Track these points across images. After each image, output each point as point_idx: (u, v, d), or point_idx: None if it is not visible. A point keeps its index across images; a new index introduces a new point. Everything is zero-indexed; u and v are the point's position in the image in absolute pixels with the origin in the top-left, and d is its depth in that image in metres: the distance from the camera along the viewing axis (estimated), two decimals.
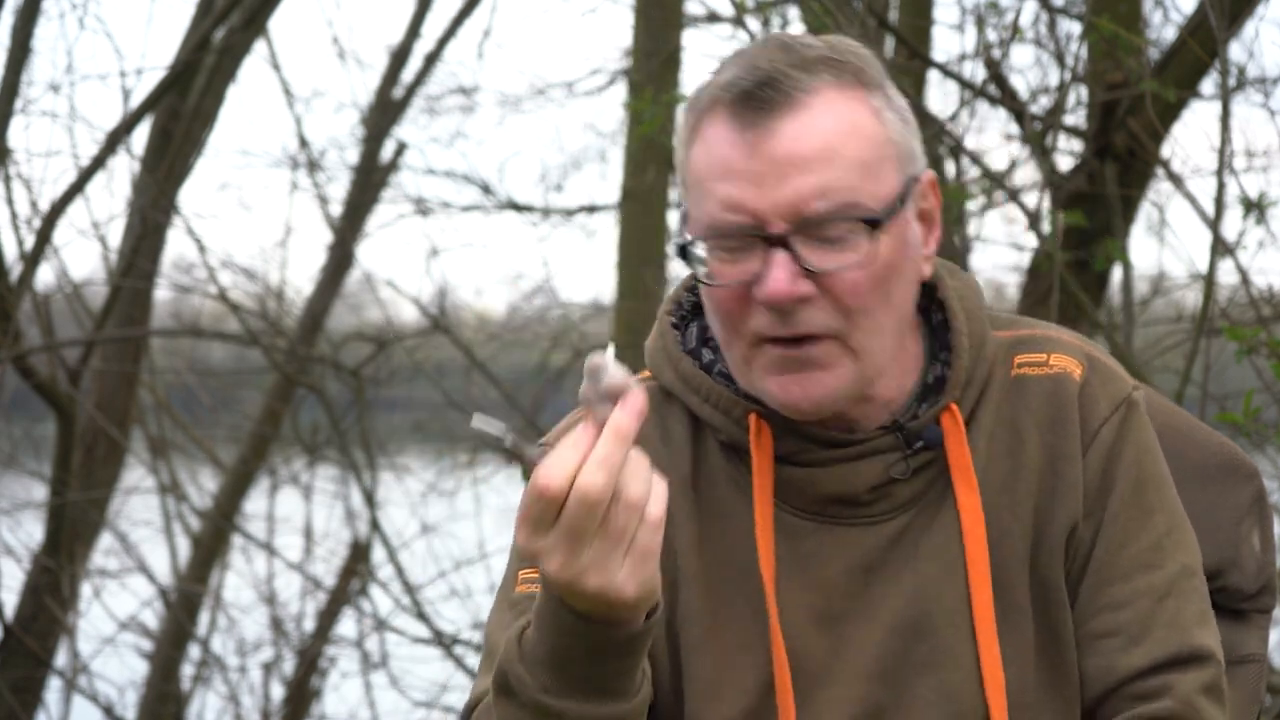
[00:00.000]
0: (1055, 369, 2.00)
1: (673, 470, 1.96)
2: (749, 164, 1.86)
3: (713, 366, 2.00)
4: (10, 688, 6.19)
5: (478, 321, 8.81)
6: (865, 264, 1.87)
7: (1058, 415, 1.97)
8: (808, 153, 1.86)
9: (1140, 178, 4.88)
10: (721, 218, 1.88)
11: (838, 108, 1.88)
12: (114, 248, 6.69)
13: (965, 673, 1.92)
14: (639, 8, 6.81)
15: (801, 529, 1.95)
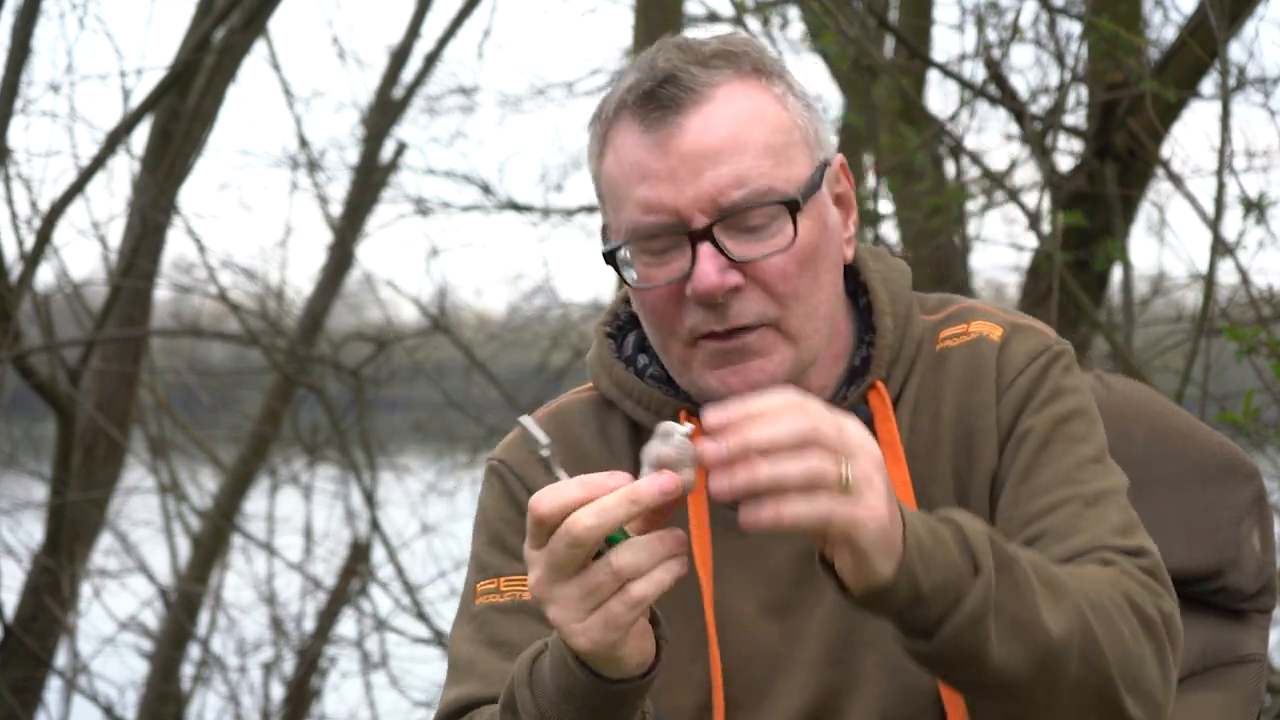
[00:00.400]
0: (973, 334, 2.03)
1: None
2: (662, 163, 1.89)
3: (645, 371, 2.04)
4: (10, 688, 6.19)
5: (478, 321, 8.81)
6: (789, 248, 1.90)
7: (975, 376, 2.00)
8: (717, 144, 1.88)
9: (1140, 178, 4.88)
10: (642, 220, 1.90)
11: (740, 98, 1.91)
12: (114, 248, 6.69)
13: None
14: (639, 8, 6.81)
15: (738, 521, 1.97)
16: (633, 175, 1.91)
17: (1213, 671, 2.27)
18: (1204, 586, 2.29)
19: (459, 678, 1.99)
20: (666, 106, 1.89)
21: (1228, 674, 2.29)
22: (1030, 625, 1.73)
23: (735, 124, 1.90)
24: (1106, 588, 1.82)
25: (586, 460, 2.02)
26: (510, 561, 2.01)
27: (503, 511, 2.04)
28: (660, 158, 1.89)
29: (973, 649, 1.71)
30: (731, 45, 1.94)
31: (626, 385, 2.03)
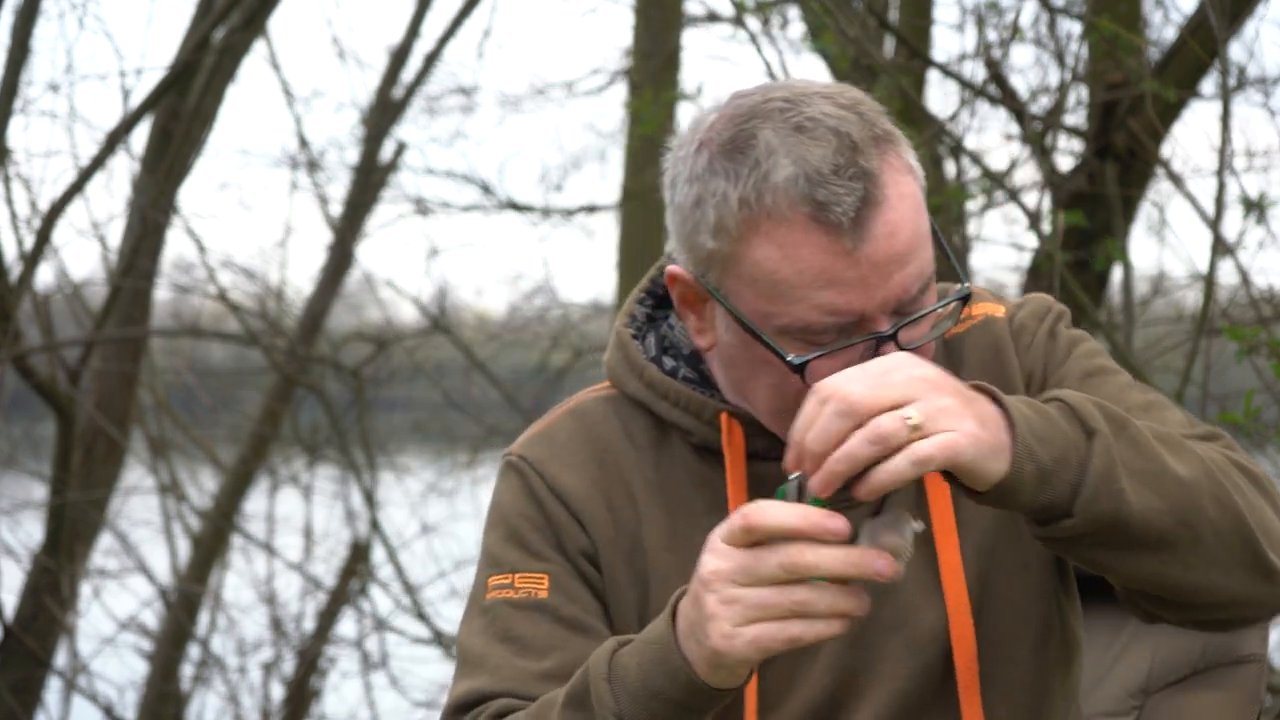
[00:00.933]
0: (978, 317, 2.05)
1: (639, 472, 2.02)
2: (853, 271, 1.84)
3: (676, 373, 2.03)
4: (10, 688, 6.19)
5: (478, 321, 8.81)
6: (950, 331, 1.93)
7: (994, 353, 2.03)
8: (902, 248, 1.85)
9: (1140, 178, 4.88)
10: (820, 320, 1.86)
11: (903, 190, 1.86)
12: (114, 248, 6.69)
13: (929, 627, 1.97)
14: (639, 8, 6.82)
15: None
16: (814, 279, 1.84)
17: (1213, 671, 2.27)
18: None
19: (469, 671, 1.99)
20: (853, 215, 1.82)
21: (1228, 674, 2.29)
22: (1159, 473, 1.76)
23: (910, 221, 1.86)
24: (1211, 451, 1.86)
25: (610, 455, 2.02)
26: (526, 558, 2.00)
27: (522, 508, 2.03)
28: (850, 266, 1.83)
29: (1114, 511, 1.73)
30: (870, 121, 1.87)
31: (661, 387, 2.02)
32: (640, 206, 7.19)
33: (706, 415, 1.99)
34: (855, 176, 1.83)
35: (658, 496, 2.01)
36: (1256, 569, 1.83)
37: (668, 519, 2.01)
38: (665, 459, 2.03)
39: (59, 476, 6.20)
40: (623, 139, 7.52)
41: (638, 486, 2.02)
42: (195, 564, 7.46)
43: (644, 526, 2.00)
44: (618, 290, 7.30)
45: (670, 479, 2.02)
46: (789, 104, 1.86)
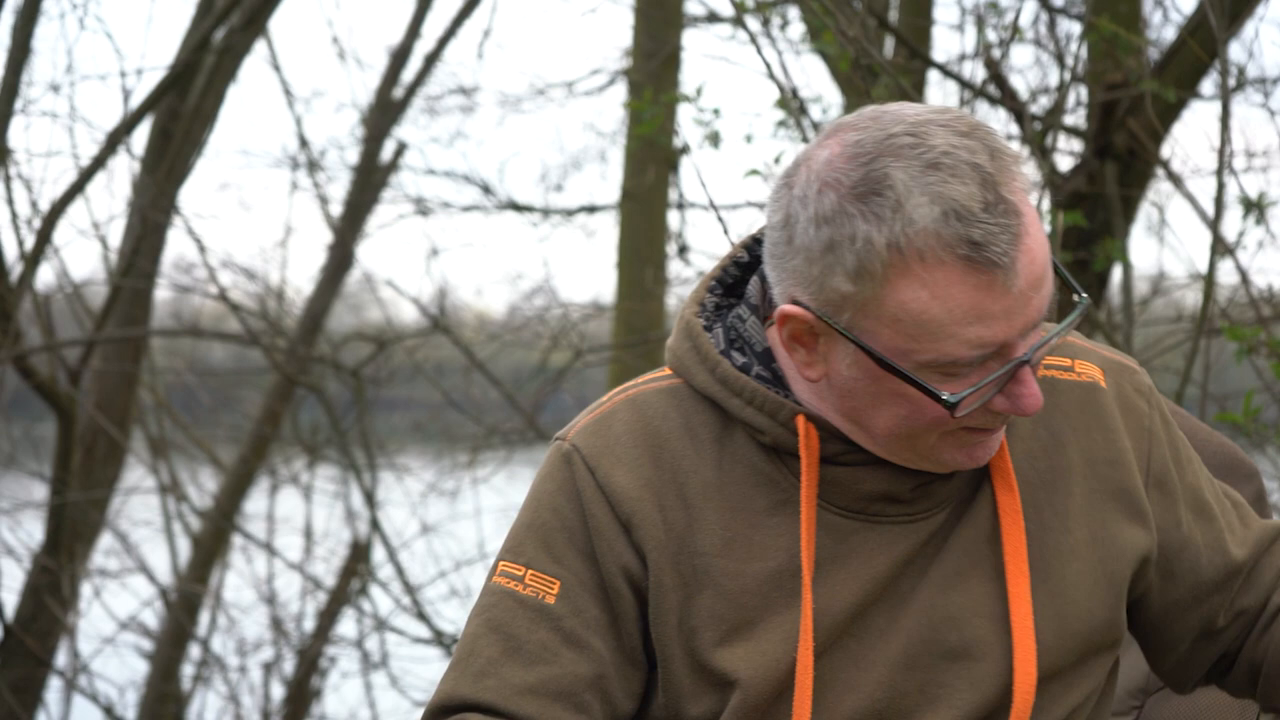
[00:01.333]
0: (1084, 377, 2.04)
1: (697, 471, 1.97)
2: (999, 304, 1.83)
3: (748, 369, 1.98)
4: (10, 687, 6.19)
5: (478, 321, 8.81)
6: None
7: (1099, 427, 2.02)
8: (1038, 274, 1.85)
9: (1140, 178, 4.88)
10: (967, 354, 1.85)
11: (1032, 214, 1.87)
12: (114, 248, 6.69)
13: (994, 662, 1.94)
14: (639, 8, 6.82)
15: (844, 527, 1.96)
16: (965, 316, 1.83)
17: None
18: None
19: (458, 664, 1.96)
20: (1010, 251, 1.82)
21: None
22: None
23: (1043, 248, 1.86)
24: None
25: (664, 454, 1.97)
26: (544, 558, 1.97)
27: (558, 504, 1.98)
28: (997, 299, 1.83)
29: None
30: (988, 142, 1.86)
31: (736, 384, 1.96)
32: (640, 207, 7.19)
33: (782, 416, 1.94)
34: (1005, 213, 1.81)
35: (715, 497, 1.96)
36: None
37: (724, 521, 1.96)
38: (728, 457, 1.98)
39: (59, 476, 6.21)
40: (623, 139, 7.52)
41: (693, 487, 1.96)
42: (195, 564, 7.46)
43: (696, 529, 1.95)
44: (618, 290, 7.30)
45: (731, 478, 1.97)
46: (914, 138, 1.82)
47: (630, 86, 7.24)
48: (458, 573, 7.33)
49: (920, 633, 1.95)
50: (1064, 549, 1.98)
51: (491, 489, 7.77)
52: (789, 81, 4.60)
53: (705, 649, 1.94)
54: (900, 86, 4.41)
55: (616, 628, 1.96)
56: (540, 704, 1.92)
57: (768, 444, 1.97)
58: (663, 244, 7.21)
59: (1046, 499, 1.99)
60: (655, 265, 7.16)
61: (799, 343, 1.90)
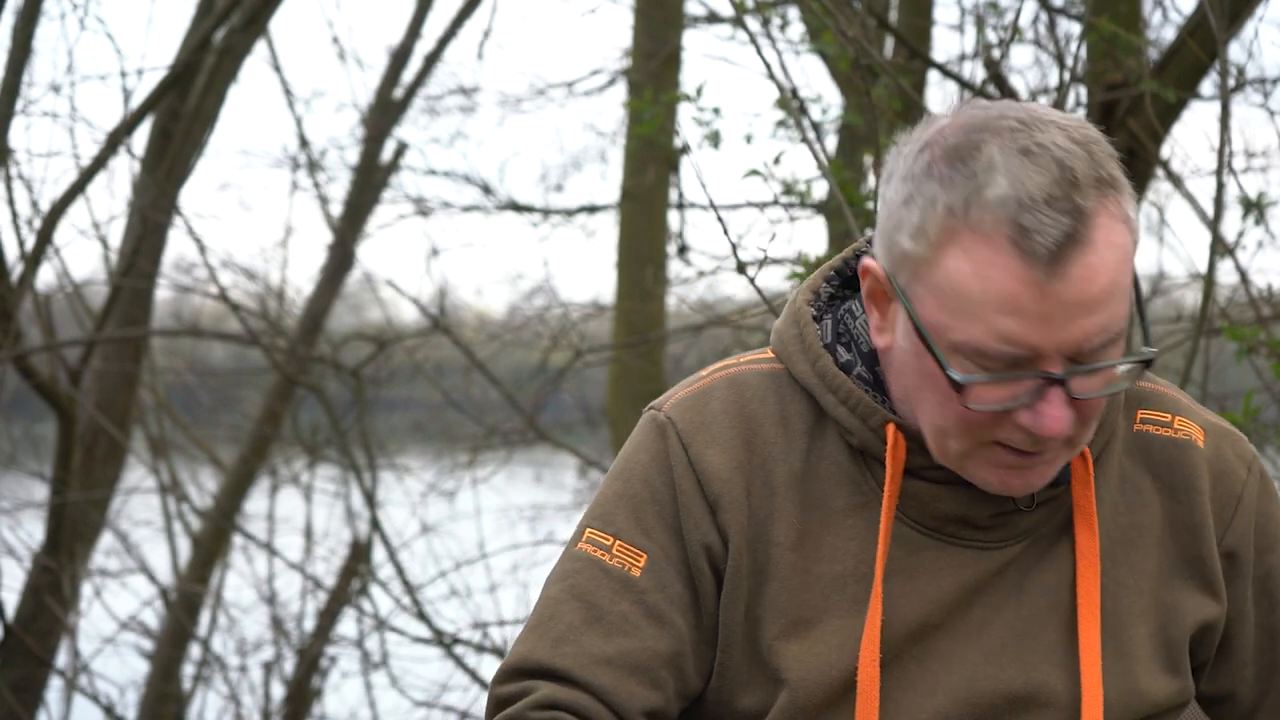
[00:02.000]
0: (1181, 434, 2.01)
1: (785, 460, 1.95)
2: (1038, 306, 1.79)
3: (850, 368, 1.96)
4: (11, 687, 6.19)
5: (478, 321, 8.81)
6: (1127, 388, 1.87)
7: (1184, 486, 1.99)
8: (1097, 295, 1.81)
9: (1140, 178, 4.88)
10: (994, 347, 1.81)
11: (1114, 239, 1.81)
12: (114, 248, 6.69)
13: (1059, 711, 1.92)
14: (639, 8, 6.82)
15: (916, 541, 1.94)
16: (999, 303, 1.79)
17: None
18: None
19: (537, 626, 1.94)
20: (1053, 249, 1.78)
21: None
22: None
23: (1112, 271, 1.81)
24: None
25: (758, 439, 1.95)
26: (634, 529, 1.94)
27: (650, 476, 1.95)
28: (1038, 300, 1.79)
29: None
30: (1097, 163, 1.82)
31: (833, 381, 1.94)
32: (640, 207, 7.19)
33: (874, 422, 1.92)
34: (1066, 211, 1.77)
35: (797, 490, 1.95)
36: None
37: (801, 514, 1.94)
38: (816, 450, 1.96)
39: (60, 476, 6.21)
40: (622, 139, 7.52)
41: (779, 477, 1.94)
42: (196, 564, 7.46)
43: (775, 519, 1.94)
44: (618, 290, 7.30)
45: (816, 471, 1.95)
46: (1022, 125, 1.81)
47: (630, 86, 7.24)
48: (458, 573, 7.32)
49: (986, 669, 1.92)
50: (1136, 610, 1.96)
51: (491, 489, 7.77)
52: (789, 81, 4.60)
53: (765, 641, 1.93)
54: (900, 86, 4.41)
55: (698, 606, 1.94)
56: (616, 676, 1.90)
57: (855, 446, 1.94)
58: (663, 244, 7.21)
59: (1125, 556, 1.96)
60: (655, 265, 7.17)
61: (874, 302, 1.89)
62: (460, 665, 6.72)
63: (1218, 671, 2.03)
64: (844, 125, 5.21)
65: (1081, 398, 1.82)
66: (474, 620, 6.99)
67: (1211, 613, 1.99)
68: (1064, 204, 1.78)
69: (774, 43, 4.83)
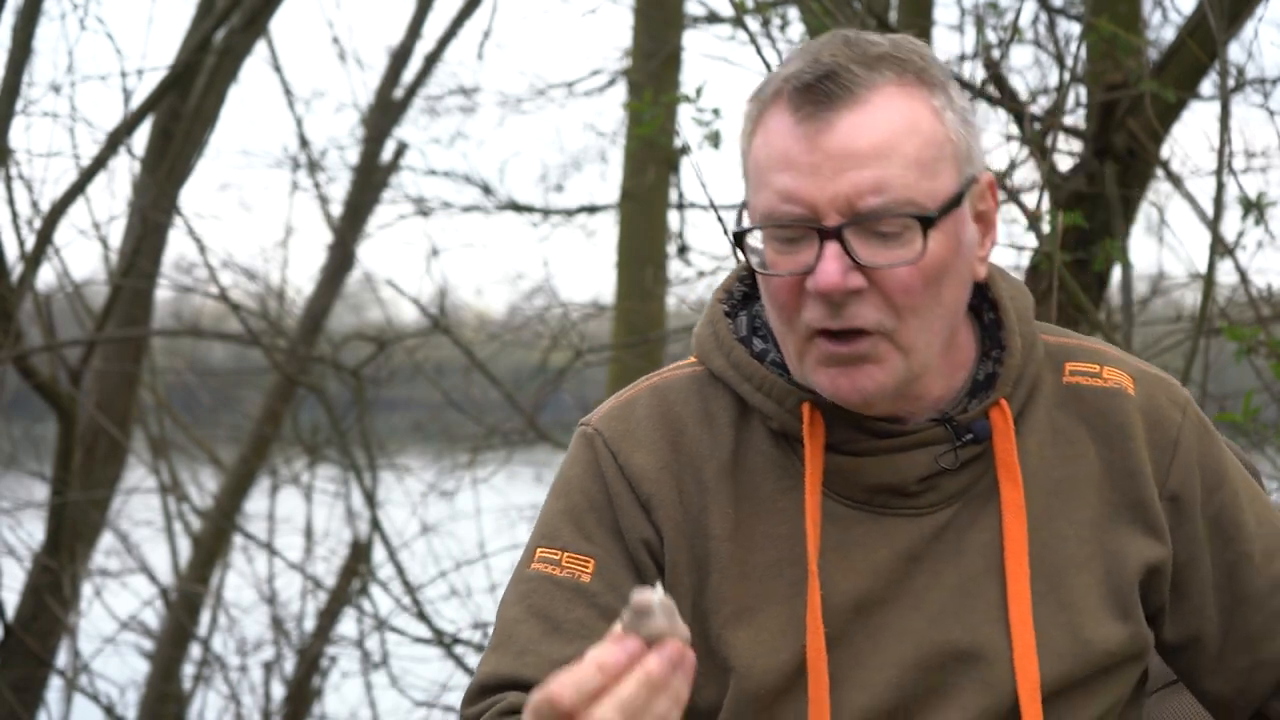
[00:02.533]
0: (1110, 383, 2.03)
1: (713, 455, 1.99)
2: (807, 156, 1.87)
3: (765, 355, 2.01)
4: (11, 687, 6.19)
5: (478, 321, 8.81)
6: (917, 262, 1.88)
7: (1120, 434, 2.00)
8: (865, 148, 1.87)
9: (1140, 178, 4.88)
10: (778, 208, 1.89)
11: (898, 105, 1.89)
12: (115, 248, 6.69)
13: (1002, 667, 1.94)
14: (639, 8, 6.82)
15: (848, 517, 1.97)
16: (777, 162, 1.89)
17: None
18: None
19: (498, 645, 1.98)
20: (821, 101, 1.88)
21: None
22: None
23: (886, 131, 1.88)
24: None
25: (684, 438, 2.00)
26: (578, 538, 1.99)
27: (585, 485, 2.01)
28: (807, 151, 1.88)
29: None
30: (900, 51, 1.93)
31: (747, 370, 2.00)
32: (640, 207, 7.19)
33: (789, 403, 1.97)
34: (845, 78, 1.88)
35: (729, 481, 1.99)
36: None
37: (734, 505, 1.98)
38: (743, 441, 2.00)
39: (60, 476, 6.21)
40: (623, 139, 7.52)
41: (709, 472, 1.99)
42: (196, 564, 7.46)
43: (709, 513, 1.98)
44: (618, 290, 7.30)
45: (745, 462, 2.00)
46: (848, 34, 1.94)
47: (630, 87, 7.24)
48: (458, 573, 7.32)
49: (931, 635, 1.95)
50: (1077, 560, 1.98)
51: (491, 489, 7.77)
52: None
53: (714, 632, 1.96)
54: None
55: None
56: None
57: (777, 430, 1.98)
58: (663, 244, 7.21)
59: (1061, 508, 1.98)
60: (655, 265, 7.17)
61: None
62: (460, 665, 6.72)
63: (1178, 614, 2.04)
64: None
65: (867, 264, 1.87)
66: (474, 620, 6.99)
67: (1157, 555, 2.00)
68: (844, 70, 1.88)
69: (774, 43, 4.83)
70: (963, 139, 1.93)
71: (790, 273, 1.89)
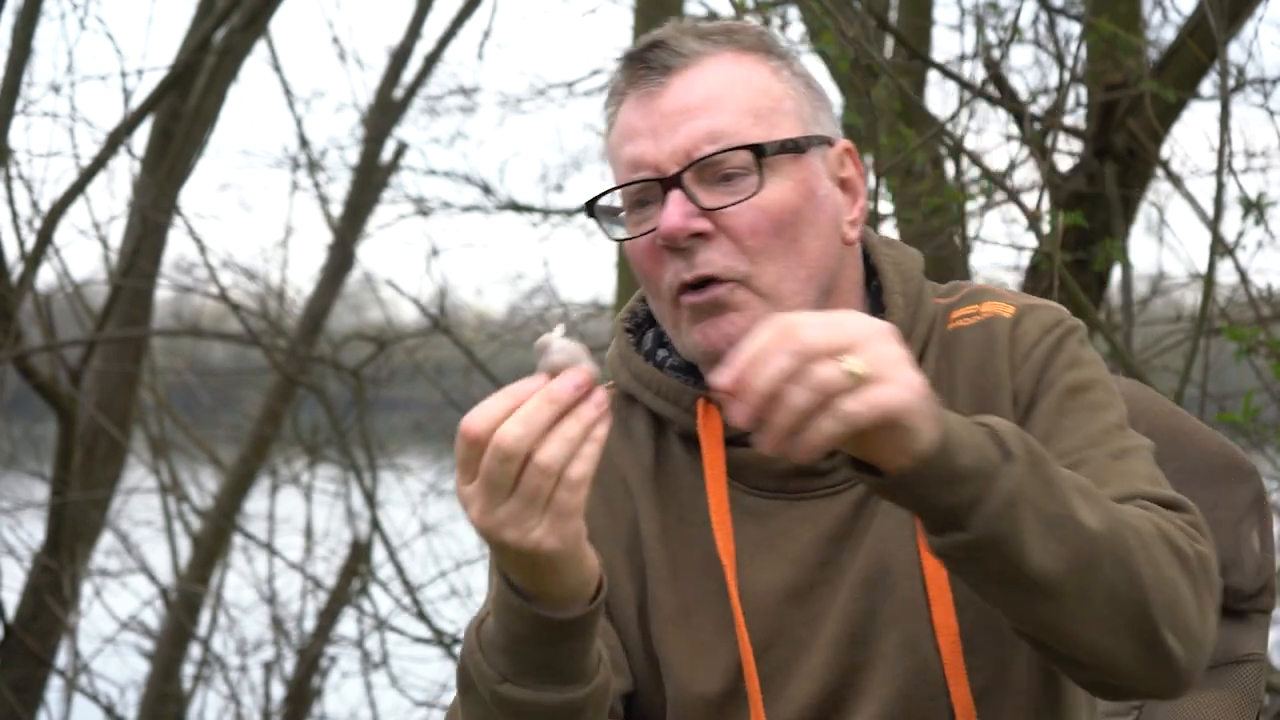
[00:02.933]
0: (986, 314, 2.02)
1: (636, 464, 2.03)
2: (645, 121, 1.95)
3: (665, 363, 2.04)
4: (11, 687, 6.19)
5: (478, 321, 8.80)
6: (754, 197, 1.93)
7: (988, 354, 1.99)
8: (697, 100, 1.94)
9: (1140, 178, 4.88)
10: (629, 178, 1.96)
11: (731, 64, 1.96)
12: (115, 248, 6.69)
13: (923, 624, 1.95)
14: (639, 8, 6.81)
15: (767, 507, 1.98)
16: (623, 137, 1.96)
17: (1212, 671, 2.27)
18: None
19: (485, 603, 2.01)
20: (653, 68, 1.95)
21: (1227, 674, 2.30)
22: (1064, 518, 1.71)
23: (719, 84, 1.95)
24: (1141, 518, 1.80)
25: (608, 451, 1.96)
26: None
27: None
28: (644, 116, 1.95)
29: (1006, 537, 1.69)
30: (733, 25, 2.00)
31: (645, 377, 2.04)
32: None
33: (685, 402, 2.00)
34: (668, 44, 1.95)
35: (651, 488, 2.02)
36: (1147, 645, 1.76)
37: (660, 511, 2.01)
38: (662, 450, 2.03)
39: (60, 476, 6.21)
40: None
41: (634, 480, 2.02)
42: (196, 564, 7.46)
43: (640, 519, 2.01)
44: (617, 290, 7.30)
45: (665, 468, 2.03)
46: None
47: None
48: (458, 573, 7.32)
49: (858, 605, 1.95)
50: None
51: None
52: None
53: (655, 636, 1.99)
54: (900, 86, 4.42)
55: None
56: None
57: (680, 432, 2.02)
58: None
59: None
60: None
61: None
62: None
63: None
64: (844, 125, 5.20)
65: (709, 207, 1.92)
66: None
67: None
68: (674, 40, 1.96)
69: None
70: (804, 99, 1.99)
71: (643, 234, 1.94)
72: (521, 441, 1.65)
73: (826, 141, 2.00)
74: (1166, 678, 1.79)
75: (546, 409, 1.66)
